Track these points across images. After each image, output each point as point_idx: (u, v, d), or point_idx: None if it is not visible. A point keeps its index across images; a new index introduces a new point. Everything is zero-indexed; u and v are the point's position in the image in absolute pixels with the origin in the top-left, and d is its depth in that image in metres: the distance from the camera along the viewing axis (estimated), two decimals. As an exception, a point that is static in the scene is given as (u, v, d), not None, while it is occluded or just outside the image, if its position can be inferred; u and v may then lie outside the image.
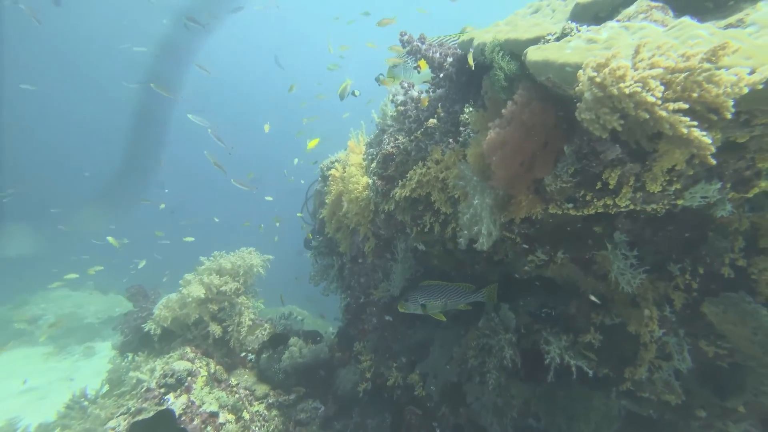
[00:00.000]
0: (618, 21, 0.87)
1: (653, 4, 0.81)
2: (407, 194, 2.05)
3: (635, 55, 0.64)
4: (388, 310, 3.04)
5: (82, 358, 6.74)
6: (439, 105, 1.77)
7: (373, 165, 2.41)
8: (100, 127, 20.03)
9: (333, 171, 3.03)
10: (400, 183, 2.10)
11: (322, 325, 6.26)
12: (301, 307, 8.96)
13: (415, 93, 1.85)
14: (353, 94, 3.46)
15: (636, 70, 0.62)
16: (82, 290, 10.08)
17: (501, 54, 1.07)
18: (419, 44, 1.59)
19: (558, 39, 0.94)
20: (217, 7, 12.13)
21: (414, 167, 1.99)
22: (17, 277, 10.44)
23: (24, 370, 6.03)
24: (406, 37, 1.59)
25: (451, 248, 2.49)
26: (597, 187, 1.03)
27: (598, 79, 0.67)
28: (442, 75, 1.64)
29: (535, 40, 0.99)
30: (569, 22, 0.94)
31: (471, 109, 1.66)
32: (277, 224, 6.49)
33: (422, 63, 1.87)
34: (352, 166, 2.61)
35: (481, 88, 1.55)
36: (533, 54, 0.93)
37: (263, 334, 3.16)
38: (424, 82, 1.99)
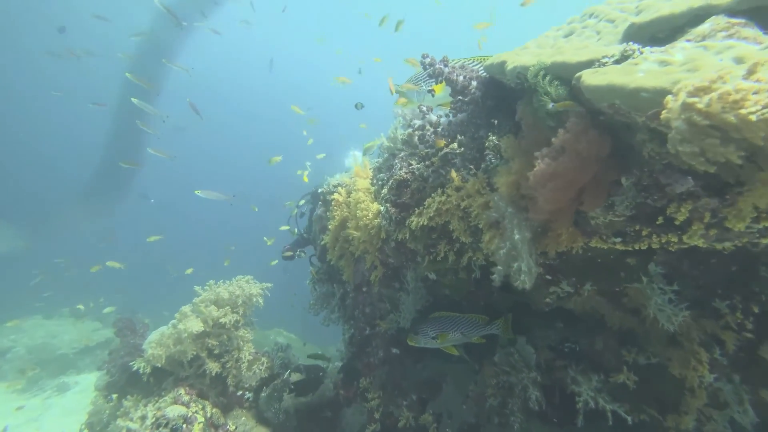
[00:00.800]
0: (689, 41, 0.81)
1: (734, 20, 0.75)
2: (425, 223, 1.95)
3: (748, 75, 0.58)
4: (395, 343, 2.88)
5: (54, 393, 6.24)
6: (460, 130, 1.70)
7: (385, 191, 2.31)
8: (78, 128, 19.38)
9: (336, 195, 2.93)
10: (417, 211, 2.00)
11: (306, 350, 5.99)
12: (288, 330, 8.62)
13: (433, 117, 1.78)
14: (356, 107, 3.43)
15: (757, 93, 0.55)
16: (57, 317, 9.52)
17: (548, 78, 1.00)
18: (442, 67, 1.53)
19: (618, 62, 0.87)
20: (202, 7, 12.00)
21: (432, 195, 1.90)
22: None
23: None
24: (428, 60, 1.53)
25: (463, 278, 2.39)
26: (658, 223, 0.95)
27: (700, 106, 0.60)
28: (465, 99, 1.57)
29: (588, 64, 0.93)
30: (630, 43, 0.88)
31: (495, 135, 1.60)
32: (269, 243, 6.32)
33: (437, 87, 1.82)
34: (359, 192, 2.52)
35: (508, 114, 1.49)
36: (591, 78, 0.86)
37: (261, 370, 2.94)
38: (438, 105, 1.93)
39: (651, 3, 0.94)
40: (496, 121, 1.58)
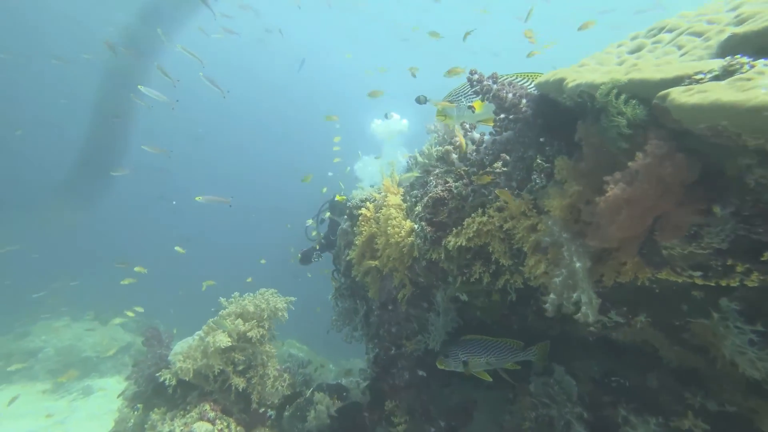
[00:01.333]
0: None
1: None
2: (462, 243, 1.86)
3: None
4: (421, 365, 2.77)
5: (79, 396, 6.36)
6: (506, 149, 1.62)
7: (419, 208, 2.24)
8: (59, 121, 19.20)
9: (363, 210, 2.87)
10: (454, 231, 1.92)
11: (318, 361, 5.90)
12: (300, 342, 8.55)
13: (476, 135, 1.71)
14: (386, 116, 3.39)
15: None
16: (83, 320, 9.79)
17: (623, 97, 0.91)
18: (490, 83, 1.46)
19: (719, 78, 0.78)
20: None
21: (472, 215, 1.81)
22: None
23: (20, 410, 5.66)
24: (476, 76, 1.47)
25: (497, 300, 2.27)
26: (763, 259, 0.83)
27: None
28: (512, 116, 1.50)
29: (676, 81, 0.84)
30: (738, 56, 0.79)
31: (544, 156, 1.51)
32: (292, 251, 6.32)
33: (477, 104, 1.75)
34: (390, 208, 2.45)
35: (561, 133, 1.41)
36: (685, 97, 0.77)
37: (283, 386, 2.88)
38: (479, 122, 1.86)
39: (757, 10, 0.84)
40: (544, 140, 1.49)
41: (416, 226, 2.16)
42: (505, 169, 1.66)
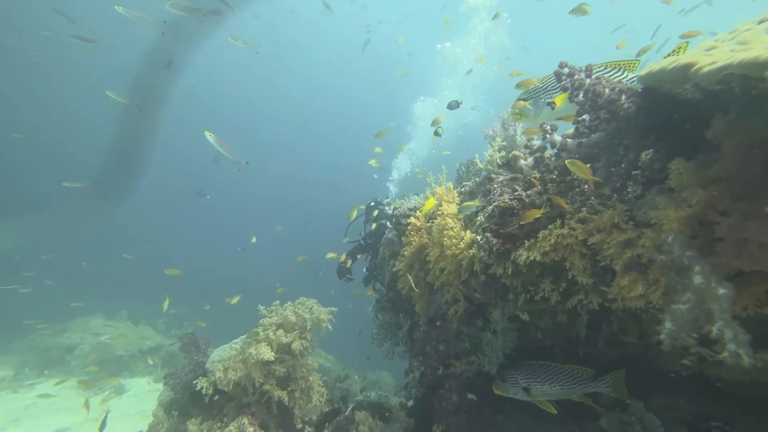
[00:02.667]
0: None
1: None
2: (536, 258, 1.69)
3: None
4: (472, 388, 2.56)
5: (112, 395, 6.47)
6: (595, 153, 1.45)
7: (481, 218, 2.08)
8: (87, 122, 19.35)
9: (413, 220, 2.74)
10: (526, 243, 1.74)
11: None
12: (326, 351, 8.40)
13: (557, 138, 1.55)
14: (436, 133, 3.27)
15: None
16: (116, 319, 10.07)
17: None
18: (583, 77, 1.31)
19: None
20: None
21: (549, 226, 1.64)
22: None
23: (58, 404, 5.81)
24: (566, 69, 1.32)
25: (562, 322, 2.06)
26: None
27: None
28: (603, 116, 1.33)
29: None
30: None
31: (649, 156, 1.33)
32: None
33: (558, 99, 1.59)
34: (446, 217, 2.30)
35: (675, 133, 1.22)
36: None
37: (321, 402, 2.73)
38: (558, 119, 1.69)
39: None
40: (649, 142, 1.31)
41: (479, 238, 2.00)
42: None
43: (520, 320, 2.25)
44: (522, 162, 1.95)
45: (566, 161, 1.37)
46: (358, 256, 4.59)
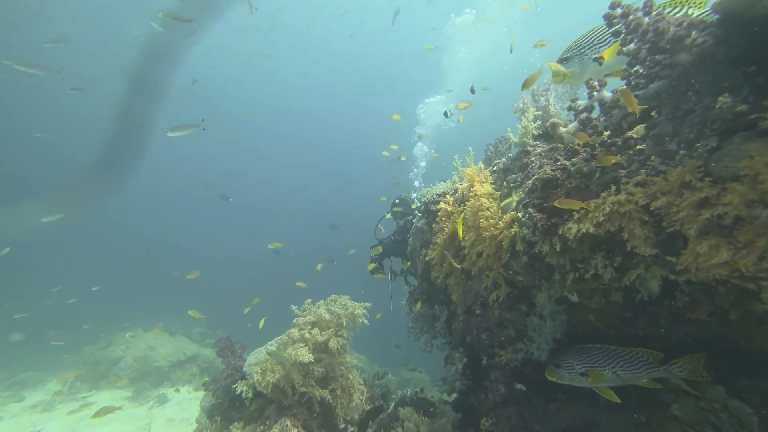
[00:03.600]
0: None
1: None
2: (588, 230, 1.53)
3: None
4: (519, 377, 2.41)
5: (156, 404, 6.66)
6: (656, 104, 1.28)
7: (519, 194, 1.94)
8: (83, 116, 19.12)
9: (443, 205, 2.60)
10: (575, 216, 1.59)
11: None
12: (355, 350, 8.37)
13: (607, 94, 1.38)
14: (446, 114, 3.13)
15: None
16: (153, 331, 10.39)
17: None
18: (641, 16, 1.14)
19: None
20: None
21: (602, 194, 1.48)
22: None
23: (108, 415, 6.02)
24: (620, 10, 1.15)
25: (617, 301, 1.89)
26: None
27: None
28: (666, 60, 1.16)
29: None
30: None
31: (727, 100, 1.15)
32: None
33: (608, 51, 1.42)
34: (480, 198, 2.16)
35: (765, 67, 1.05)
36: None
37: (361, 400, 2.65)
38: (606, 76, 1.51)
39: None
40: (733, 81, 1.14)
41: (520, 215, 1.85)
42: (652, 132, 1.32)
43: (568, 302, 2.09)
44: (562, 130, 1.79)
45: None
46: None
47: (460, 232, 2.24)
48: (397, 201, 4.76)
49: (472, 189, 2.31)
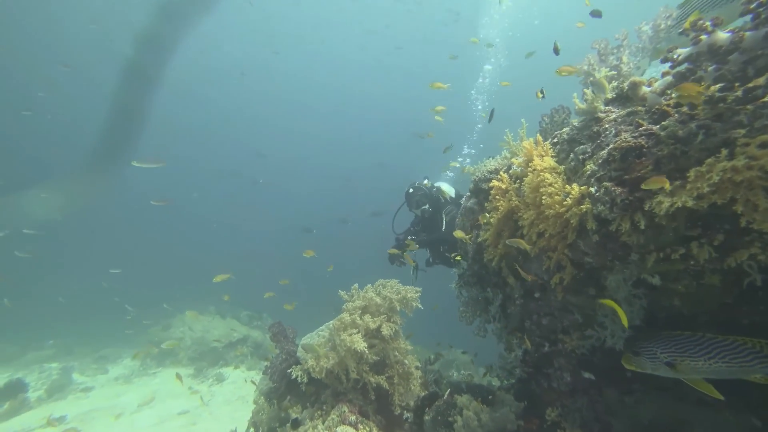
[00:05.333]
0: None
1: None
2: (687, 203, 1.31)
3: None
4: (587, 365, 2.24)
5: (215, 383, 7.12)
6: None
7: (590, 167, 1.72)
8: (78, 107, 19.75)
9: (495, 183, 2.41)
10: (669, 187, 1.37)
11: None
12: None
13: (724, 35, 1.13)
14: (540, 93, 2.87)
15: None
16: (207, 314, 11.06)
17: None
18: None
19: None
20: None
21: (707, 160, 1.25)
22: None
23: (175, 390, 6.57)
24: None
25: (713, 284, 1.65)
26: None
27: None
28: None
29: None
30: None
31: None
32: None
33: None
34: (543, 173, 1.96)
35: None
36: None
37: (416, 386, 2.60)
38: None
39: None
40: None
41: (593, 190, 1.64)
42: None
43: (647, 285, 1.87)
44: (645, 89, 1.54)
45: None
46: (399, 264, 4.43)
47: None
48: (411, 190, 4.56)
49: (530, 164, 2.11)
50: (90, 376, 7.93)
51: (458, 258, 2.98)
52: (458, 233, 2.84)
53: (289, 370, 2.61)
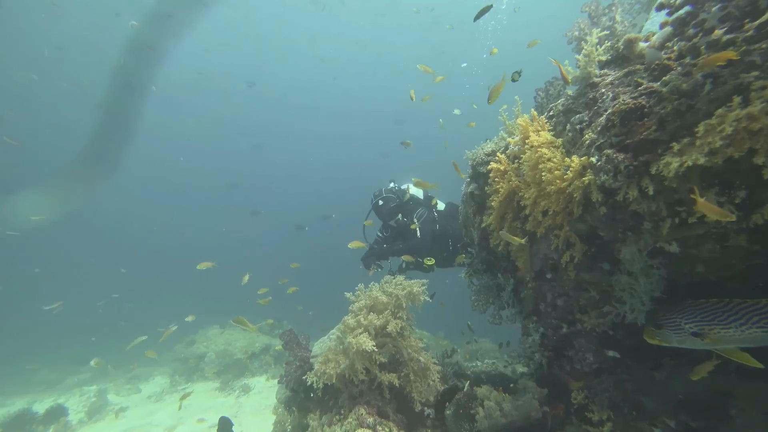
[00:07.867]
0: None
1: None
2: (698, 161, 1.20)
3: None
4: (610, 343, 2.14)
5: (241, 394, 7.18)
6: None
7: (590, 136, 1.61)
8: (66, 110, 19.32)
9: (494, 165, 2.31)
10: (675, 147, 1.26)
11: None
12: (419, 328, 8.33)
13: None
14: (513, 79, 2.75)
15: None
16: (229, 328, 11.17)
17: None
18: None
19: None
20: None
21: (718, 111, 1.13)
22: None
23: (204, 404, 6.67)
24: None
25: (740, 245, 1.54)
26: None
27: None
28: None
29: None
30: None
31: None
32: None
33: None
34: (540, 149, 1.85)
35: None
36: None
37: (435, 381, 2.52)
38: None
39: None
40: None
41: (594, 159, 1.54)
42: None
43: (664, 254, 1.76)
44: (642, 45, 1.42)
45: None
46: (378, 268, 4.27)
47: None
48: (380, 203, 4.29)
49: (527, 141, 2.00)
50: (124, 396, 8.16)
51: (463, 259, 2.88)
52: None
53: (304, 377, 2.57)
